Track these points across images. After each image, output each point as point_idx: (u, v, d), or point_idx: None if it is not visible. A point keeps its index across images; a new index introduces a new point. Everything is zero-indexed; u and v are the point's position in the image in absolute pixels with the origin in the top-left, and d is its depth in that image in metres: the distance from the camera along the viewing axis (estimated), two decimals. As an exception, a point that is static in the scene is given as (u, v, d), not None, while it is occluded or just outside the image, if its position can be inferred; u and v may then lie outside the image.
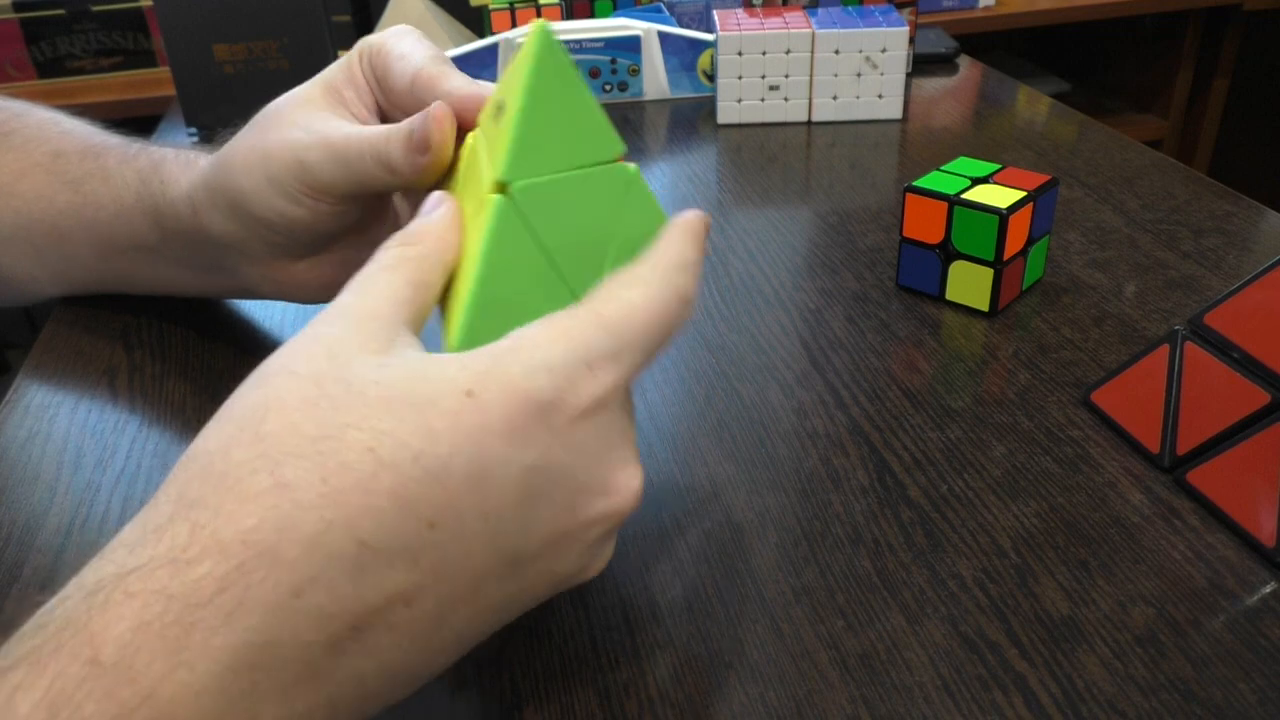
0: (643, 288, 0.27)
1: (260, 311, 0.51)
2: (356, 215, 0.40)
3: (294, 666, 0.22)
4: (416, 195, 0.36)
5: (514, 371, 0.25)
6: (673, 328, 0.28)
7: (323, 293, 0.43)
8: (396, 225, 0.43)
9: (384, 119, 0.39)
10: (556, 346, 0.25)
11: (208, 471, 0.22)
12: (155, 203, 0.44)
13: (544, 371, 0.25)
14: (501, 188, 0.28)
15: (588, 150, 0.29)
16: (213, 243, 0.42)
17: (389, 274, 0.28)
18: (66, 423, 0.44)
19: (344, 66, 0.39)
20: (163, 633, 0.20)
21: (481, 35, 0.86)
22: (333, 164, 0.36)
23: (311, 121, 0.38)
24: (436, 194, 0.31)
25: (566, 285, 0.29)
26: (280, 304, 0.51)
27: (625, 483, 0.27)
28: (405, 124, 0.34)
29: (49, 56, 1.34)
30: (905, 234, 0.50)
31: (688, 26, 0.86)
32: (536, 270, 0.29)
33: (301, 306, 0.46)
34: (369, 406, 0.23)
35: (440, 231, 0.29)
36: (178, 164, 0.44)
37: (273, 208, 0.39)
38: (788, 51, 0.73)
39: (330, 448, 0.22)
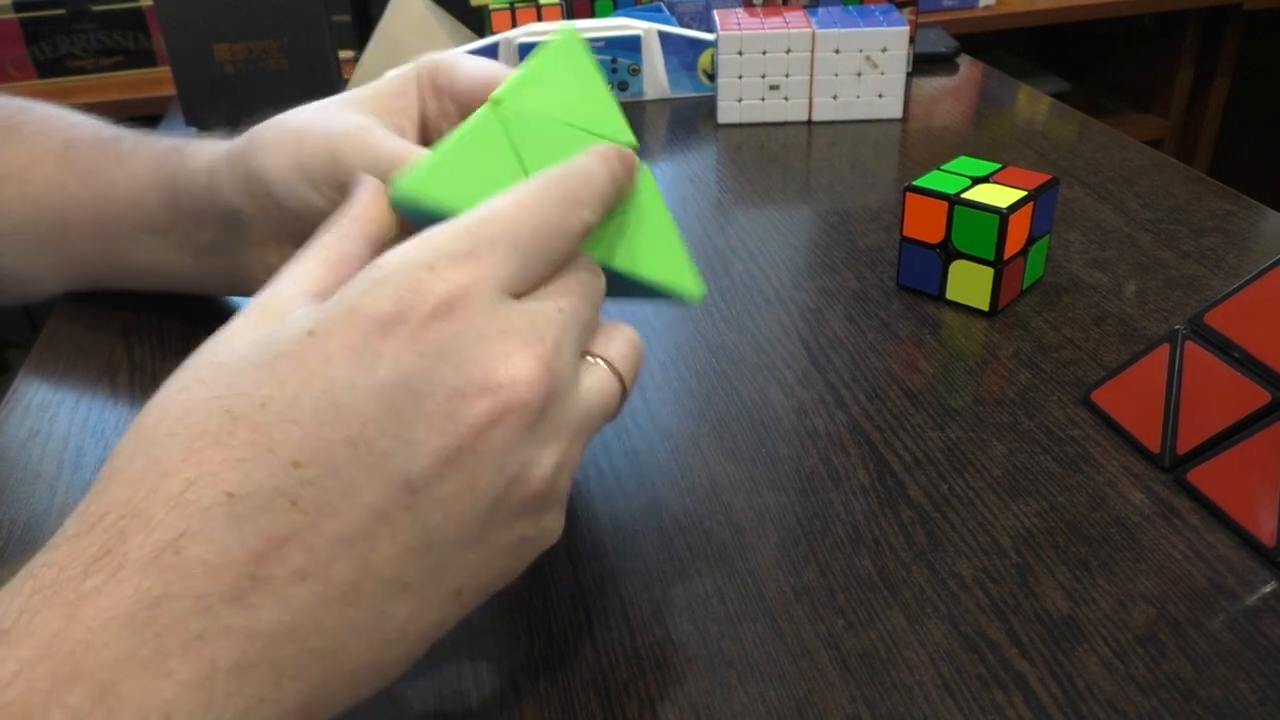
0: (514, 196, 0.27)
1: (260, 311, 0.51)
2: None
3: (196, 620, 0.22)
4: None
5: (349, 297, 0.25)
6: (551, 225, 0.27)
7: None
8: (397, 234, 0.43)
9: (425, 141, 0.40)
10: (396, 259, 0.25)
11: (103, 471, 0.24)
12: (173, 177, 0.44)
13: (379, 285, 0.24)
14: (496, 104, 0.30)
15: (595, 124, 0.31)
16: (221, 216, 0.43)
17: (304, 260, 0.28)
18: (67, 422, 0.45)
19: (397, 81, 0.40)
20: (54, 596, 0.21)
21: (482, 35, 0.86)
22: (367, 164, 0.37)
23: (357, 120, 0.38)
24: (362, 177, 0.31)
25: None
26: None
27: (508, 376, 0.25)
28: None
29: (49, 56, 1.34)
30: (905, 233, 0.50)
31: (688, 26, 0.86)
32: (510, 179, 0.30)
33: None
34: (229, 375, 0.24)
35: (358, 210, 0.30)
36: (200, 144, 0.45)
37: (292, 190, 0.39)
38: (788, 51, 0.73)
39: (193, 419, 0.23)
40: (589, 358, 0.29)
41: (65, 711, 0.20)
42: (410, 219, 0.30)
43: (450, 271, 0.25)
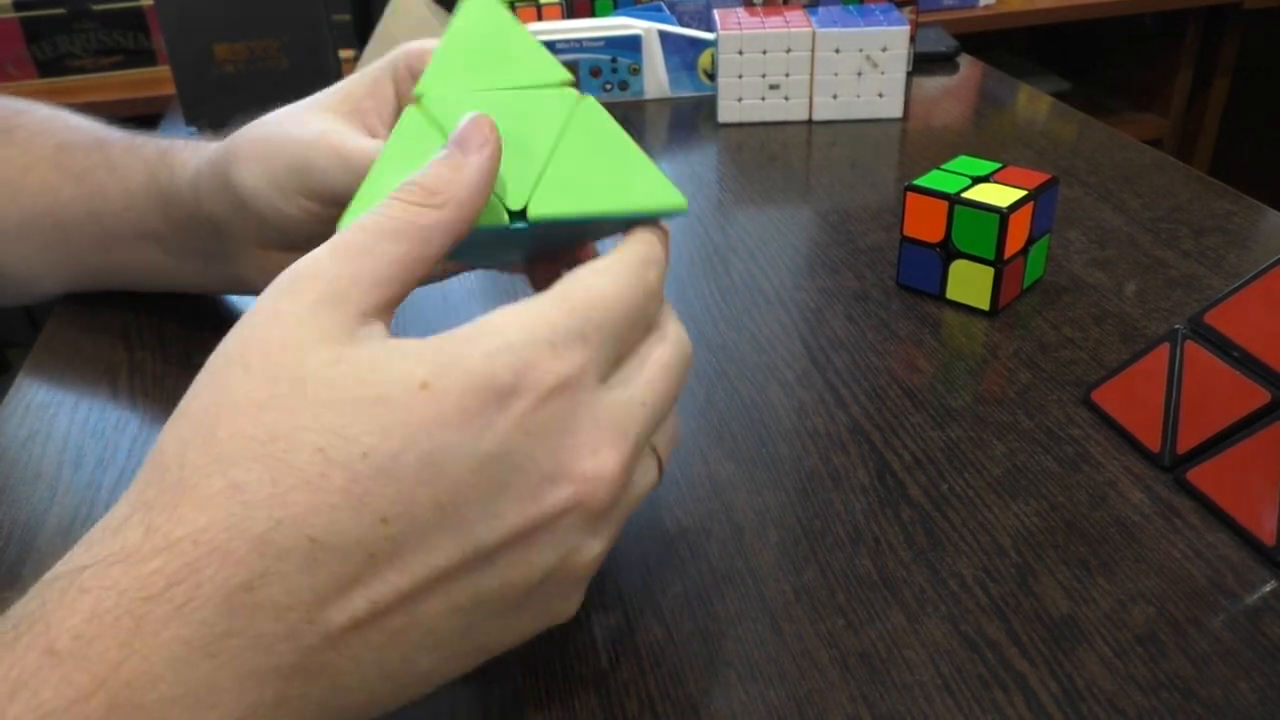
0: (610, 276, 0.27)
1: (261, 310, 0.51)
2: None
3: (253, 656, 0.22)
4: None
5: (472, 357, 0.24)
6: (640, 318, 0.28)
7: None
8: None
9: None
10: (518, 329, 0.25)
11: (164, 475, 0.23)
12: (162, 190, 0.44)
13: (502, 353, 0.24)
14: (419, 100, 0.30)
15: (526, 77, 0.31)
16: (212, 226, 0.43)
17: (385, 244, 0.26)
18: (67, 421, 0.45)
19: (368, 77, 0.40)
20: (115, 624, 0.21)
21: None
22: (338, 170, 0.36)
23: (324, 124, 0.38)
24: (479, 123, 0.28)
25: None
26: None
27: (594, 471, 0.25)
28: None
29: (49, 55, 1.34)
30: (906, 233, 0.50)
31: (688, 25, 0.86)
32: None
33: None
34: (320, 406, 0.23)
35: (467, 196, 0.27)
36: (186, 150, 0.45)
37: (267, 202, 0.39)
38: (788, 50, 0.73)
39: (280, 450, 0.22)
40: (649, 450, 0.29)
41: None
42: None
43: (568, 354, 0.25)
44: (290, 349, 0.24)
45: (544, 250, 0.34)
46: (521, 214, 0.29)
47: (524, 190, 0.29)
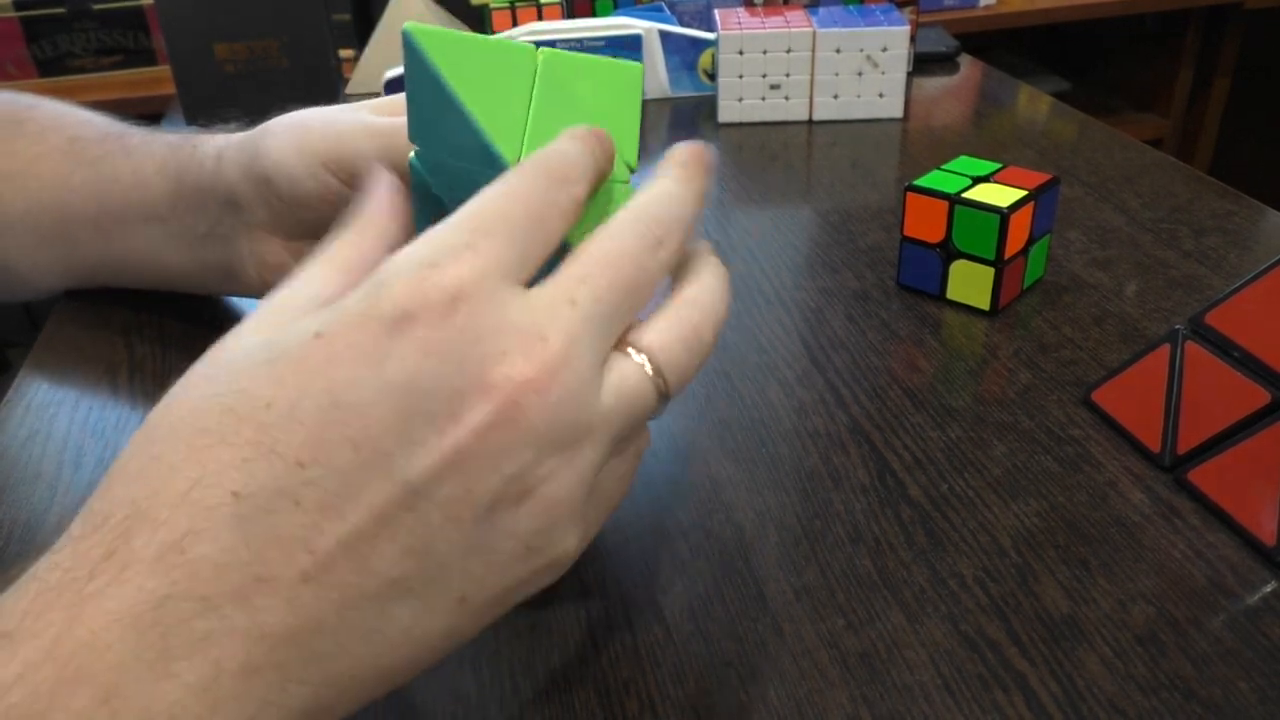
0: (500, 182, 0.27)
1: (261, 310, 0.51)
2: None
3: (202, 621, 0.22)
4: None
5: (355, 299, 0.24)
6: (543, 203, 0.26)
7: None
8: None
9: None
10: (399, 259, 0.25)
11: (110, 470, 0.24)
12: (181, 163, 0.46)
13: (380, 288, 0.24)
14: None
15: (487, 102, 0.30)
16: (222, 200, 0.44)
17: (317, 264, 0.28)
18: (68, 421, 0.45)
19: (399, 101, 0.41)
20: (58, 599, 0.21)
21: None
22: (366, 138, 0.38)
23: (363, 114, 0.40)
24: (379, 170, 0.31)
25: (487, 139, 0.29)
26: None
27: (503, 376, 0.24)
28: None
29: (49, 55, 1.34)
30: (906, 233, 0.50)
31: (689, 25, 0.86)
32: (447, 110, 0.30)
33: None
34: (232, 374, 0.24)
35: (373, 211, 0.29)
36: (215, 134, 0.46)
37: (289, 176, 0.40)
38: (789, 50, 0.73)
39: (195, 418, 0.23)
40: (628, 351, 0.27)
41: (69, 715, 0.20)
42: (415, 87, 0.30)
43: (452, 266, 0.24)
44: (226, 343, 0.25)
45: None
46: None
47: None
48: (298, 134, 0.41)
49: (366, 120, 0.40)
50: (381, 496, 0.23)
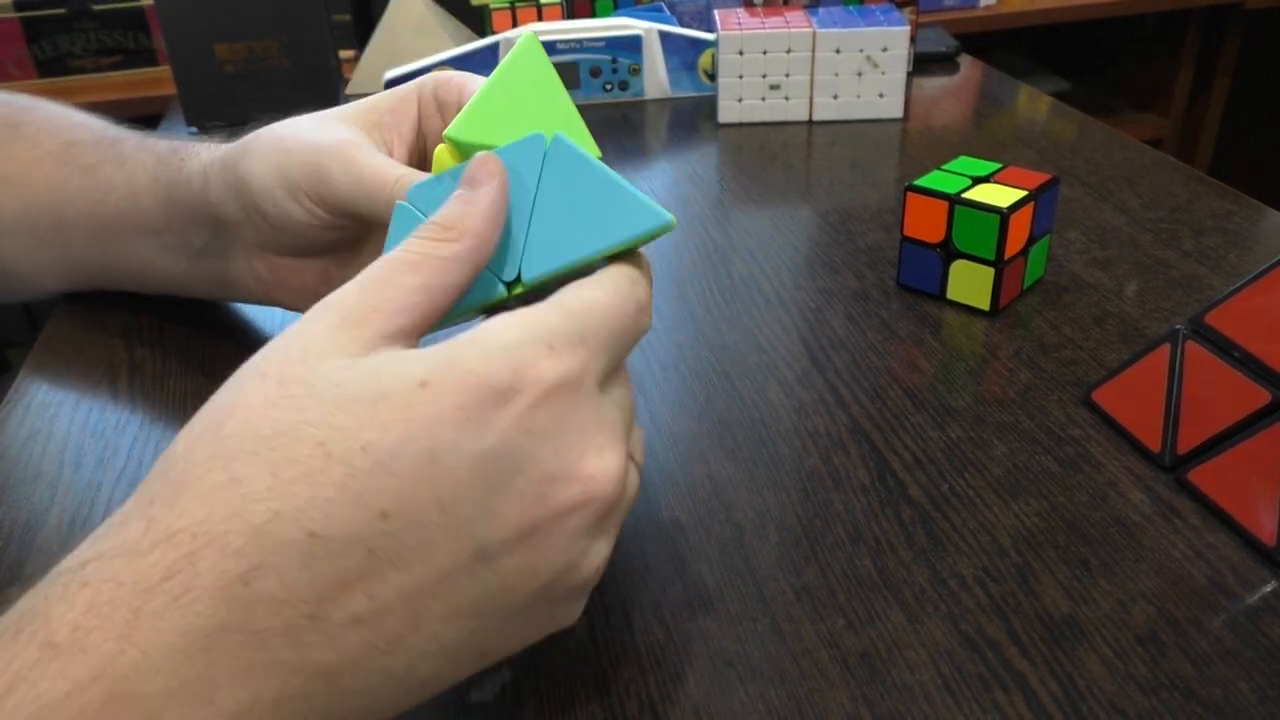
0: (604, 288, 0.27)
1: (261, 311, 0.51)
2: (351, 234, 0.41)
3: (249, 652, 0.22)
4: None
5: (470, 357, 0.24)
6: (633, 328, 0.28)
7: (299, 298, 0.44)
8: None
9: (420, 155, 0.40)
10: (515, 330, 0.25)
11: (169, 471, 0.23)
12: (170, 178, 0.45)
13: (500, 353, 0.24)
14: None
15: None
16: (213, 220, 0.43)
17: (405, 275, 0.26)
18: (68, 421, 0.45)
19: (395, 95, 0.40)
20: (112, 616, 0.21)
21: (482, 35, 0.86)
22: (348, 180, 0.37)
23: (344, 134, 0.38)
24: (485, 160, 0.29)
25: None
26: (281, 303, 0.51)
27: (600, 469, 0.25)
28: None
29: (50, 55, 1.34)
30: (906, 233, 0.50)
31: (688, 26, 0.86)
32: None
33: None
34: (325, 405, 0.23)
35: (481, 227, 0.28)
36: (199, 146, 0.45)
37: (272, 199, 0.39)
38: (789, 51, 0.73)
39: (282, 444, 0.23)
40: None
41: None
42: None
43: (567, 355, 0.25)
44: (308, 359, 0.25)
45: (543, 293, 0.34)
46: (516, 281, 0.29)
47: (515, 257, 0.29)
48: (279, 160, 0.39)
49: (349, 154, 0.37)
50: (452, 558, 0.24)
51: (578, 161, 0.29)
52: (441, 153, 0.32)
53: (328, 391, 0.24)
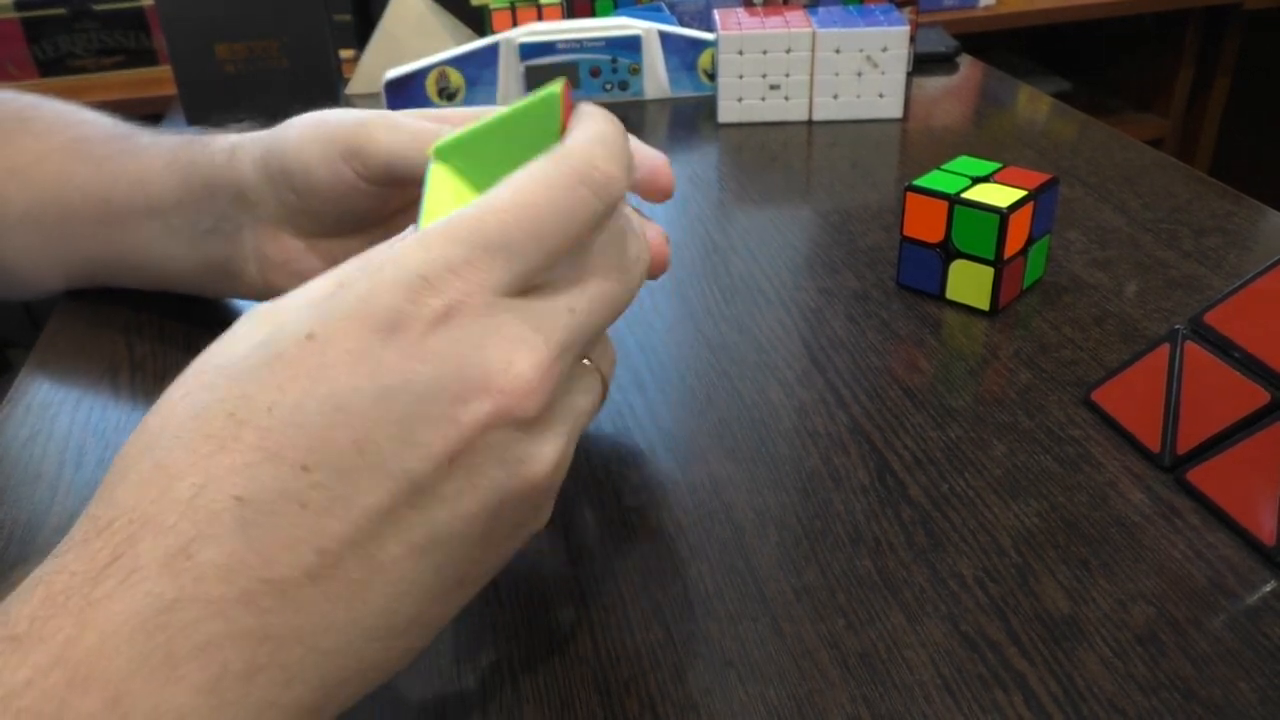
0: (509, 187, 0.26)
1: (261, 310, 0.51)
2: (370, 214, 0.41)
3: (208, 624, 0.22)
4: None
5: (348, 302, 0.24)
6: (560, 229, 0.26)
7: (300, 283, 0.44)
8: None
9: None
10: (388, 267, 0.25)
11: (110, 474, 0.24)
12: (192, 156, 0.46)
13: (372, 294, 0.24)
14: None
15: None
16: (234, 193, 0.44)
17: (320, 278, 0.27)
18: (68, 421, 0.45)
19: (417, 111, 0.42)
20: (67, 603, 0.22)
21: (482, 34, 0.86)
22: (388, 132, 0.39)
23: (382, 112, 0.41)
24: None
25: None
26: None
27: (507, 381, 0.25)
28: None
29: (50, 55, 1.34)
30: (905, 233, 0.50)
31: (688, 26, 0.86)
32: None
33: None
34: (231, 379, 0.24)
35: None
36: (229, 132, 0.46)
37: (304, 165, 0.41)
38: (788, 51, 0.73)
39: (198, 424, 0.23)
40: (585, 361, 0.29)
41: (79, 718, 0.21)
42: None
43: (445, 283, 0.25)
44: (221, 345, 0.26)
45: None
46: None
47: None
48: (316, 124, 0.41)
49: (390, 115, 0.40)
50: (386, 497, 0.24)
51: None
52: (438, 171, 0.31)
53: (230, 365, 0.24)
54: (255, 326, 0.26)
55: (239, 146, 0.44)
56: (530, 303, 0.26)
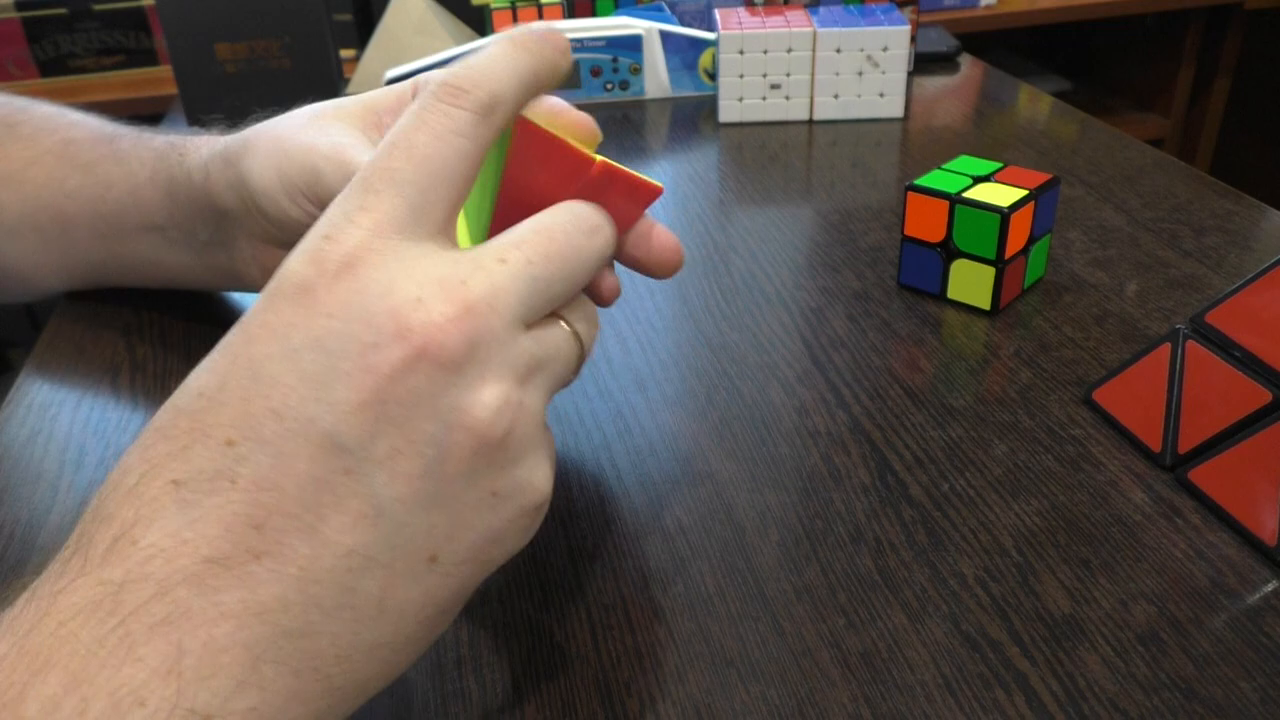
0: (398, 126, 0.26)
1: (262, 310, 0.51)
2: None
3: (158, 604, 0.22)
4: None
5: (271, 282, 0.25)
6: (438, 153, 0.26)
7: None
8: None
9: None
10: (301, 241, 0.26)
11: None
12: (171, 173, 0.45)
13: (284, 267, 0.25)
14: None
15: None
16: (216, 213, 0.43)
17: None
18: (69, 421, 0.45)
19: (393, 94, 0.40)
20: (30, 600, 0.23)
21: (483, 34, 0.86)
22: (344, 182, 0.36)
23: (340, 135, 0.38)
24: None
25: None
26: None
27: (419, 320, 0.24)
28: None
29: (51, 55, 1.34)
30: (906, 232, 0.50)
31: (689, 25, 0.86)
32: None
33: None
34: (188, 384, 0.25)
35: (495, 79, 0.28)
36: (197, 140, 0.45)
37: (272, 200, 0.39)
38: (789, 50, 0.73)
39: (155, 425, 0.25)
40: (555, 320, 0.28)
41: (40, 701, 0.21)
42: None
43: (345, 231, 0.25)
44: None
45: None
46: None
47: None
48: (277, 161, 0.39)
49: (344, 157, 0.37)
50: (313, 462, 0.23)
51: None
52: None
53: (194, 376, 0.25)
54: None
55: (210, 167, 0.43)
56: (446, 250, 0.26)
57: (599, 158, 0.30)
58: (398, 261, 0.25)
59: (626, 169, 0.30)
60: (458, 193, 0.26)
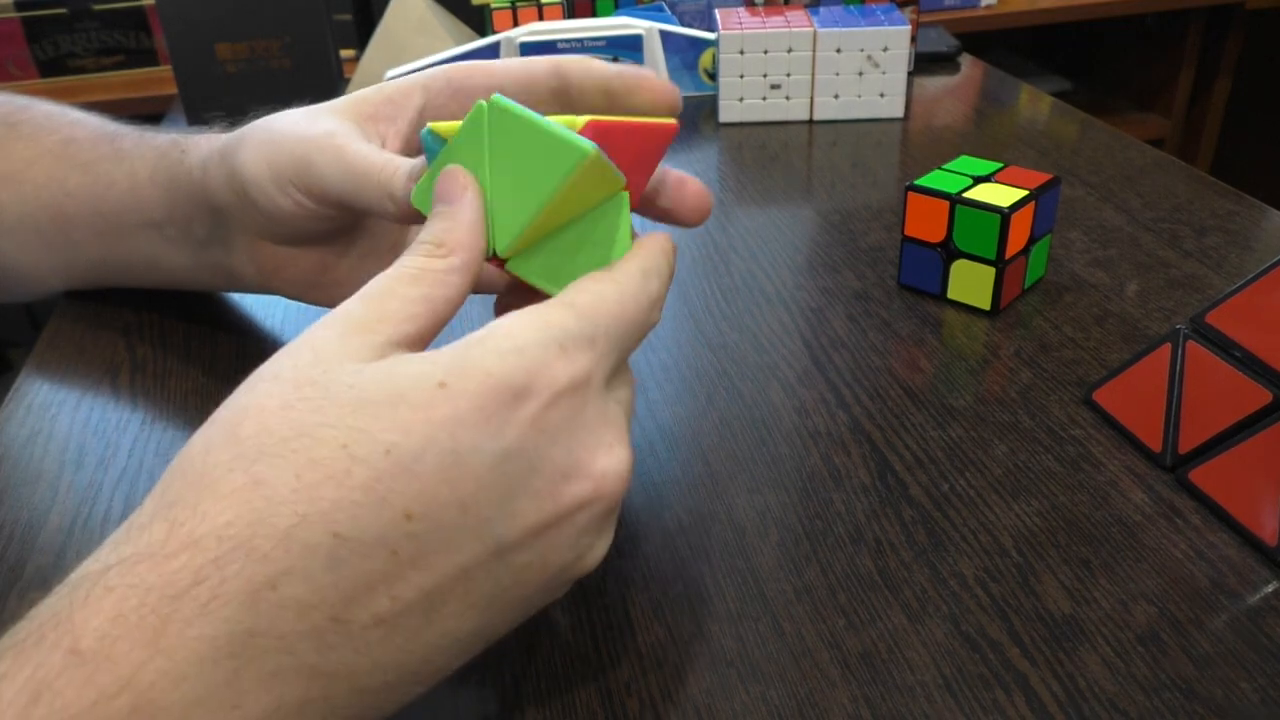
0: (614, 283, 0.28)
1: (261, 309, 0.51)
2: (345, 224, 0.41)
3: (275, 657, 0.22)
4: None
5: (486, 359, 0.25)
6: (643, 325, 0.29)
7: (299, 287, 0.44)
8: (390, 243, 0.43)
9: (414, 147, 0.40)
10: (529, 331, 0.26)
11: (187, 473, 0.23)
12: (172, 170, 0.45)
13: (514, 355, 0.25)
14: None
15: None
16: (213, 211, 0.43)
17: (405, 287, 0.27)
18: (69, 421, 0.45)
19: (392, 88, 0.40)
20: (139, 623, 0.21)
21: (483, 34, 0.86)
22: (337, 172, 0.36)
23: (333, 126, 0.38)
24: (451, 174, 0.29)
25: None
26: (281, 302, 0.51)
27: (609, 466, 0.26)
28: (418, 161, 0.34)
29: (51, 55, 1.34)
30: (907, 233, 0.50)
31: (689, 25, 0.86)
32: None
33: (303, 306, 0.46)
34: (341, 407, 0.24)
35: (467, 239, 0.28)
36: (198, 138, 0.45)
37: (262, 190, 0.39)
38: (789, 50, 0.73)
39: (304, 445, 0.23)
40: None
41: None
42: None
43: (578, 355, 0.26)
44: (319, 363, 0.25)
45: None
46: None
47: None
48: (268, 151, 0.39)
49: (337, 145, 0.37)
50: (471, 557, 0.24)
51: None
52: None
53: (342, 394, 0.24)
54: (351, 344, 0.25)
55: (208, 164, 0.43)
56: (614, 394, 0.28)
57: (585, 119, 0.29)
58: (601, 403, 0.27)
59: (626, 119, 0.30)
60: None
